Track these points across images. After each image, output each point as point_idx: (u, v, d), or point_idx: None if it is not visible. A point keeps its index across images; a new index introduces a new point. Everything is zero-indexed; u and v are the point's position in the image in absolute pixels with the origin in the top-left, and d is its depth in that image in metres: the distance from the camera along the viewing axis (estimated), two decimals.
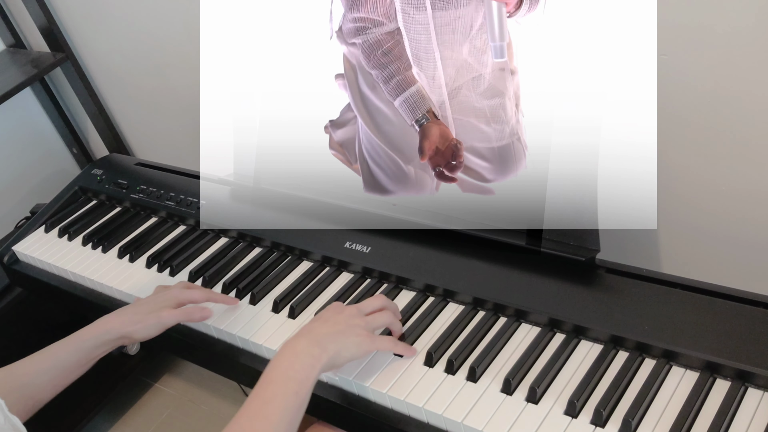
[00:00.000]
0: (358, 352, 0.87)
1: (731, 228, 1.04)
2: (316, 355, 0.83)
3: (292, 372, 0.81)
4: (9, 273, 1.44)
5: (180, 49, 1.51)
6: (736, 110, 0.94)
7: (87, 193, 1.51)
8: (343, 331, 0.87)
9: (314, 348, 0.84)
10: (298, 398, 0.80)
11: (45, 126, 1.93)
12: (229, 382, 1.64)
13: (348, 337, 0.86)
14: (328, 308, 0.93)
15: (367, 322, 0.90)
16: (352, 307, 0.92)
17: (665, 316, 0.87)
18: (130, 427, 1.80)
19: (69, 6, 1.64)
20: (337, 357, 0.85)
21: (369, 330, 0.89)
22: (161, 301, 1.04)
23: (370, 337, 0.89)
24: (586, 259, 0.95)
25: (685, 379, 0.82)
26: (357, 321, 0.89)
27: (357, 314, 0.91)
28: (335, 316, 0.90)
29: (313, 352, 0.83)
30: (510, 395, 0.85)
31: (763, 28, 0.86)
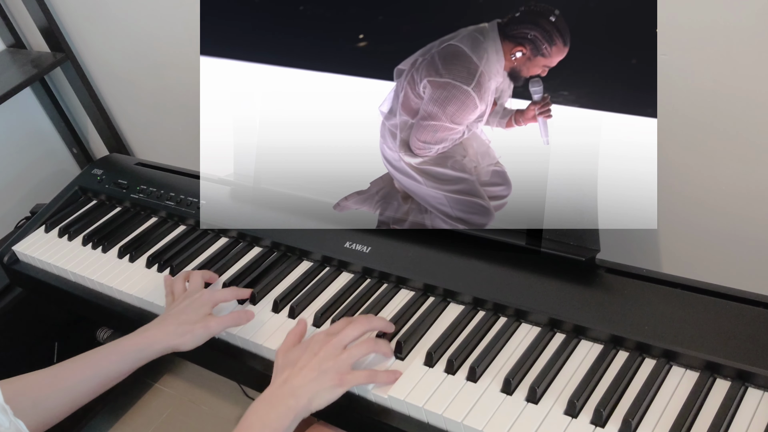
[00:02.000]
0: (331, 397, 0.88)
1: (732, 228, 1.04)
2: (291, 405, 0.85)
3: (268, 420, 0.84)
4: (9, 273, 1.44)
5: (180, 49, 1.51)
6: (736, 109, 0.94)
7: (87, 193, 1.51)
8: (316, 378, 0.87)
9: (289, 399, 0.86)
10: None
11: (45, 126, 1.93)
12: (229, 382, 1.64)
13: (321, 384, 0.87)
14: (303, 346, 0.91)
15: (342, 361, 0.89)
16: (328, 346, 0.90)
17: (665, 316, 0.87)
18: (130, 427, 1.80)
19: (69, 6, 1.64)
20: (310, 404, 0.87)
21: (344, 369, 0.89)
22: (200, 308, 1.03)
23: (342, 379, 0.88)
24: (586, 259, 0.95)
25: (685, 379, 0.82)
26: (330, 364, 0.88)
27: (332, 355, 0.89)
28: (309, 361, 0.89)
29: (288, 403, 0.86)
30: (510, 395, 0.85)
31: (763, 26, 0.86)
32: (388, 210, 0.87)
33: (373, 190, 0.92)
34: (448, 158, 0.73)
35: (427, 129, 0.75)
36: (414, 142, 0.77)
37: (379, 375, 0.91)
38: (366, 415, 0.91)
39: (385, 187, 0.87)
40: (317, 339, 0.92)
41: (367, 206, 0.91)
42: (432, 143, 0.75)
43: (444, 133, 0.75)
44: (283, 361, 0.91)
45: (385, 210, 0.86)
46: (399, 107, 0.75)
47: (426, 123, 0.75)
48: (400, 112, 0.76)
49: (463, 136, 0.73)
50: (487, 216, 0.76)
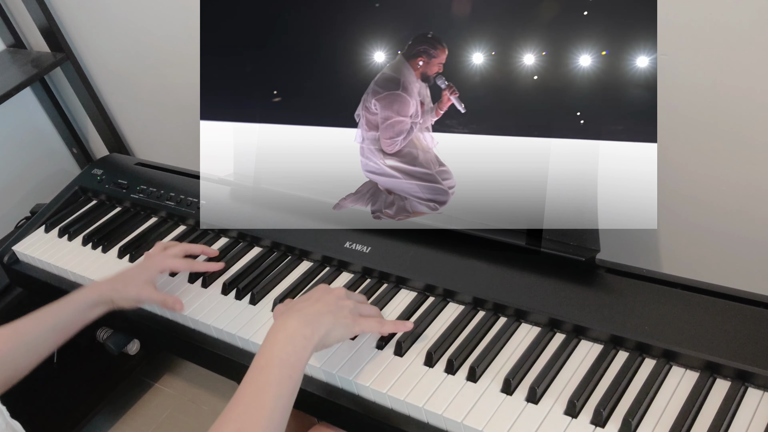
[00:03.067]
0: (346, 334, 0.89)
1: (731, 228, 1.04)
2: (308, 335, 0.84)
3: (285, 355, 0.81)
4: (9, 273, 1.44)
5: (180, 49, 1.51)
6: (736, 109, 0.94)
7: (87, 193, 1.51)
8: (333, 311, 0.88)
9: (306, 328, 0.84)
10: (291, 382, 0.80)
11: (45, 126, 1.93)
12: (229, 382, 1.63)
13: (338, 318, 0.88)
14: (316, 289, 0.95)
15: (355, 306, 0.92)
16: (339, 289, 0.94)
17: (665, 316, 0.87)
18: (130, 427, 1.80)
19: (69, 6, 1.64)
20: (327, 337, 0.86)
21: (355, 314, 0.91)
22: (144, 271, 1.11)
23: (357, 319, 0.90)
24: (586, 259, 0.95)
25: (685, 379, 0.82)
26: (345, 302, 0.91)
27: (344, 296, 0.93)
28: (324, 296, 0.91)
29: (305, 332, 0.84)
30: (510, 395, 0.85)
31: (763, 26, 0.86)
32: (377, 203, 1.09)
33: (364, 190, 1.10)
34: (414, 159, 1.06)
35: (388, 127, 1.06)
36: (383, 143, 1.07)
37: (387, 324, 0.93)
38: (366, 415, 0.91)
39: (373, 187, 1.10)
40: (325, 285, 0.96)
41: (360, 203, 1.11)
42: (395, 136, 1.06)
43: (399, 125, 1.06)
44: (285, 307, 0.92)
45: (375, 203, 1.09)
46: (365, 129, 1.09)
47: (386, 124, 1.06)
48: (367, 131, 1.08)
49: (412, 130, 1.05)
50: (446, 195, 1.04)
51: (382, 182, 1.08)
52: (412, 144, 1.05)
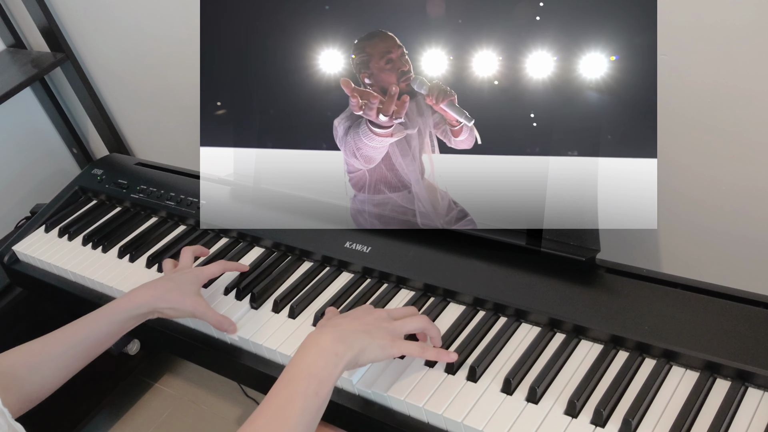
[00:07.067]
0: (381, 355, 0.84)
1: (731, 228, 1.04)
2: (341, 353, 0.80)
3: (315, 369, 0.78)
4: (9, 273, 1.44)
5: (180, 49, 1.51)
6: (736, 109, 0.94)
7: (87, 193, 1.51)
8: (370, 331, 0.84)
9: (339, 345, 0.80)
10: (318, 399, 0.77)
11: (45, 126, 1.93)
12: (229, 382, 1.64)
13: (374, 338, 0.83)
14: (359, 308, 0.91)
15: (395, 326, 0.87)
16: (381, 310, 0.90)
17: (665, 316, 0.87)
18: (130, 427, 1.80)
19: (69, 6, 1.64)
20: (360, 356, 0.82)
21: (395, 335, 0.86)
22: (190, 283, 1.04)
23: (395, 341, 0.85)
24: (586, 259, 0.95)
25: (685, 379, 0.82)
26: (385, 324, 0.86)
27: (386, 318, 0.88)
28: (364, 315, 0.87)
29: (338, 349, 0.80)
30: (510, 395, 0.85)
31: (763, 26, 0.86)
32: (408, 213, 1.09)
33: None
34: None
35: (361, 123, 1.06)
36: (362, 126, 1.06)
37: (429, 350, 0.88)
38: (366, 414, 0.91)
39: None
40: (368, 306, 0.93)
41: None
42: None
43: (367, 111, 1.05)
44: (325, 320, 0.90)
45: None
46: (345, 151, 1.11)
47: (358, 122, 1.07)
48: (347, 151, 1.10)
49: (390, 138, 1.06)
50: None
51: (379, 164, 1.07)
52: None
